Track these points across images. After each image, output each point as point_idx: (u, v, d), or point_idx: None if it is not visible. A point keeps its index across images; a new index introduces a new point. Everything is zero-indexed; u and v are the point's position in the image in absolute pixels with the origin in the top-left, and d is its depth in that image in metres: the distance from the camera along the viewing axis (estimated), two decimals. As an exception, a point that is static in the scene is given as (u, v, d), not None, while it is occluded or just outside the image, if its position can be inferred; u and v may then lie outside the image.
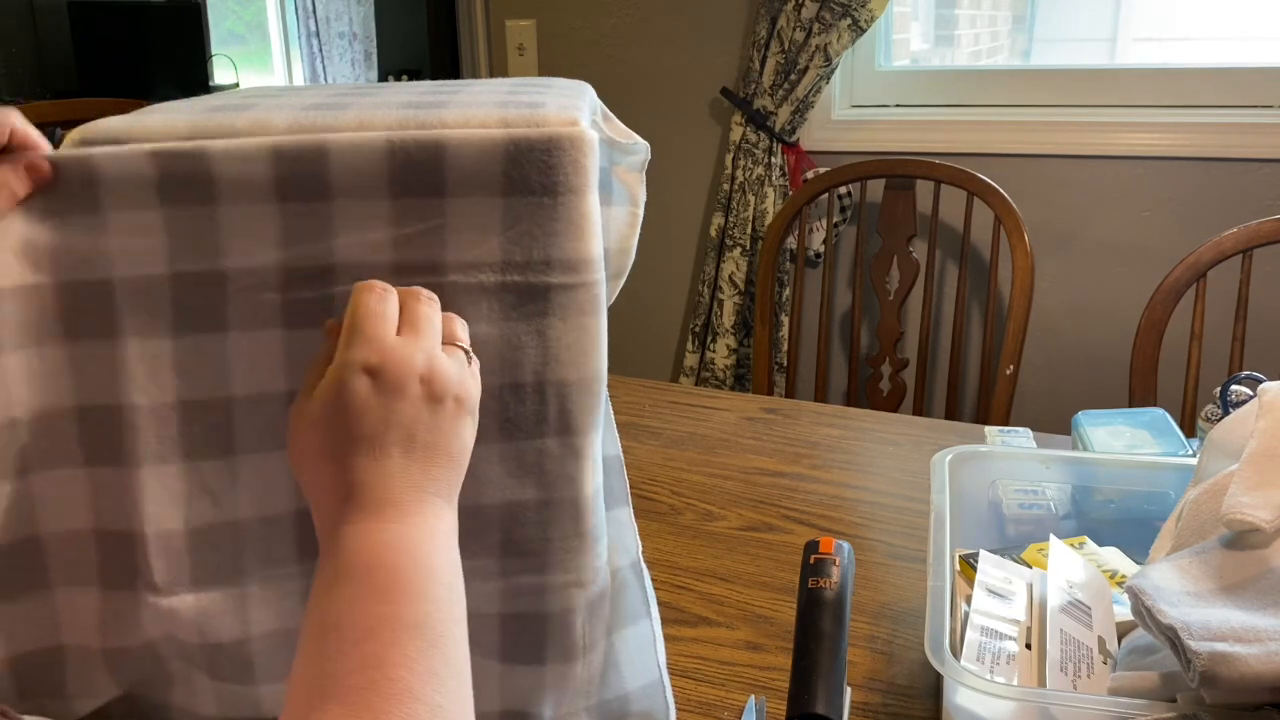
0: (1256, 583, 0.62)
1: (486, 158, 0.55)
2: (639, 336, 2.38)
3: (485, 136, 0.55)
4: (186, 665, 0.61)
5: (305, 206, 0.56)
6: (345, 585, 0.45)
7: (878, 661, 0.82)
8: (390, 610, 0.44)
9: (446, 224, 0.56)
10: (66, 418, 0.57)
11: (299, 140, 0.55)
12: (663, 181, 2.23)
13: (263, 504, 0.60)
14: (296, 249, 0.56)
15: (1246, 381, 0.99)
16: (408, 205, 0.56)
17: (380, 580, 0.45)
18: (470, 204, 0.56)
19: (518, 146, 0.55)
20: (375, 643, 0.43)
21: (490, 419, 0.58)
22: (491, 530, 0.60)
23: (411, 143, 0.55)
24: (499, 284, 0.57)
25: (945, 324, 2.11)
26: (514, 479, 0.59)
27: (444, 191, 0.56)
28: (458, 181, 0.56)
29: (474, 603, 0.61)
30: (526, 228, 0.56)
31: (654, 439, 1.24)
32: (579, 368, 0.58)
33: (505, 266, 0.57)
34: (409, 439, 0.49)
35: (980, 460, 0.89)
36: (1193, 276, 1.49)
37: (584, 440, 0.59)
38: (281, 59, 5.75)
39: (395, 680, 0.42)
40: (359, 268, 0.56)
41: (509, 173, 0.56)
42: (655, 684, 0.67)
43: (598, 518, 0.61)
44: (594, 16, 2.24)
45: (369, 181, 0.56)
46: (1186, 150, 1.90)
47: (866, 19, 1.95)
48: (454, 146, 0.55)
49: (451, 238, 0.56)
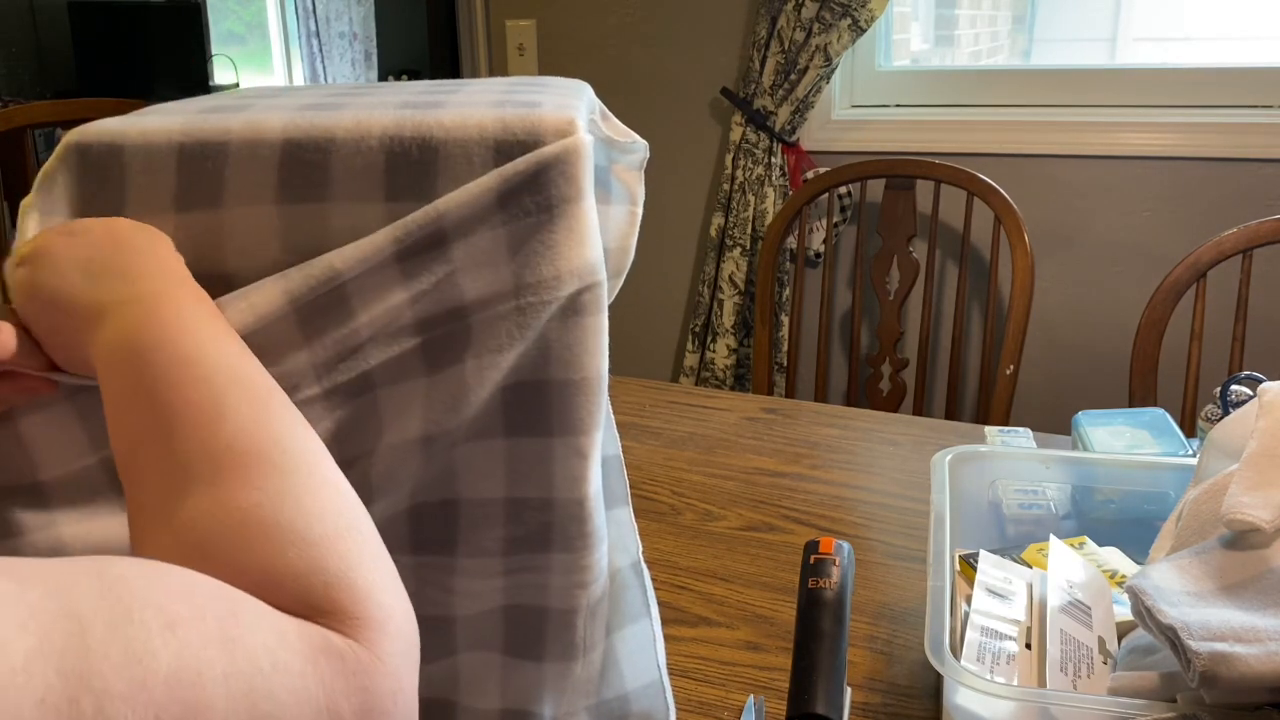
0: (1256, 583, 0.62)
1: (483, 205, 0.56)
2: (639, 336, 2.38)
3: (478, 188, 0.55)
4: None
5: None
6: (108, 376, 0.48)
7: (878, 661, 0.82)
8: (149, 365, 0.47)
9: (456, 269, 0.56)
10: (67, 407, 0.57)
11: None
12: (663, 181, 2.23)
13: None
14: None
15: (1246, 381, 0.99)
16: (413, 262, 0.56)
17: (127, 353, 0.48)
18: (474, 244, 0.56)
19: (509, 184, 0.55)
20: (149, 391, 0.46)
21: (492, 419, 0.58)
22: (495, 528, 0.60)
23: (412, 223, 0.55)
24: (515, 308, 0.57)
25: (945, 324, 2.11)
26: (518, 478, 0.59)
27: (448, 247, 0.56)
28: (458, 232, 0.56)
29: (477, 599, 0.61)
30: (532, 248, 0.56)
31: (654, 439, 1.24)
32: (581, 367, 0.58)
33: (519, 290, 0.57)
34: (86, 268, 0.52)
35: (980, 460, 0.89)
36: (1193, 276, 1.49)
37: (587, 440, 0.59)
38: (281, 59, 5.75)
39: (177, 408, 0.45)
40: (382, 337, 0.57)
41: (505, 203, 0.56)
42: (655, 684, 0.67)
43: (599, 518, 0.61)
44: (594, 16, 2.24)
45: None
46: (1186, 150, 1.90)
47: (866, 19, 1.95)
48: (453, 211, 0.55)
49: (465, 281, 0.56)
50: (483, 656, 0.63)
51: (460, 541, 0.60)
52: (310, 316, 0.56)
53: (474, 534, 0.59)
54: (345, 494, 0.44)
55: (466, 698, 0.64)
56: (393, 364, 0.57)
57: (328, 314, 0.56)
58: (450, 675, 0.64)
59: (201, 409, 0.44)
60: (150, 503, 0.43)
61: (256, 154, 0.56)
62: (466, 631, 0.62)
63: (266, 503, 0.41)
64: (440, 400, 0.57)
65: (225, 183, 0.56)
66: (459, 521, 0.59)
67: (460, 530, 0.60)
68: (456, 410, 0.57)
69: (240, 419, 0.44)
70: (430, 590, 0.61)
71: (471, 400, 0.57)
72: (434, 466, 0.59)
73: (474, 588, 0.61)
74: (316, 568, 0.39)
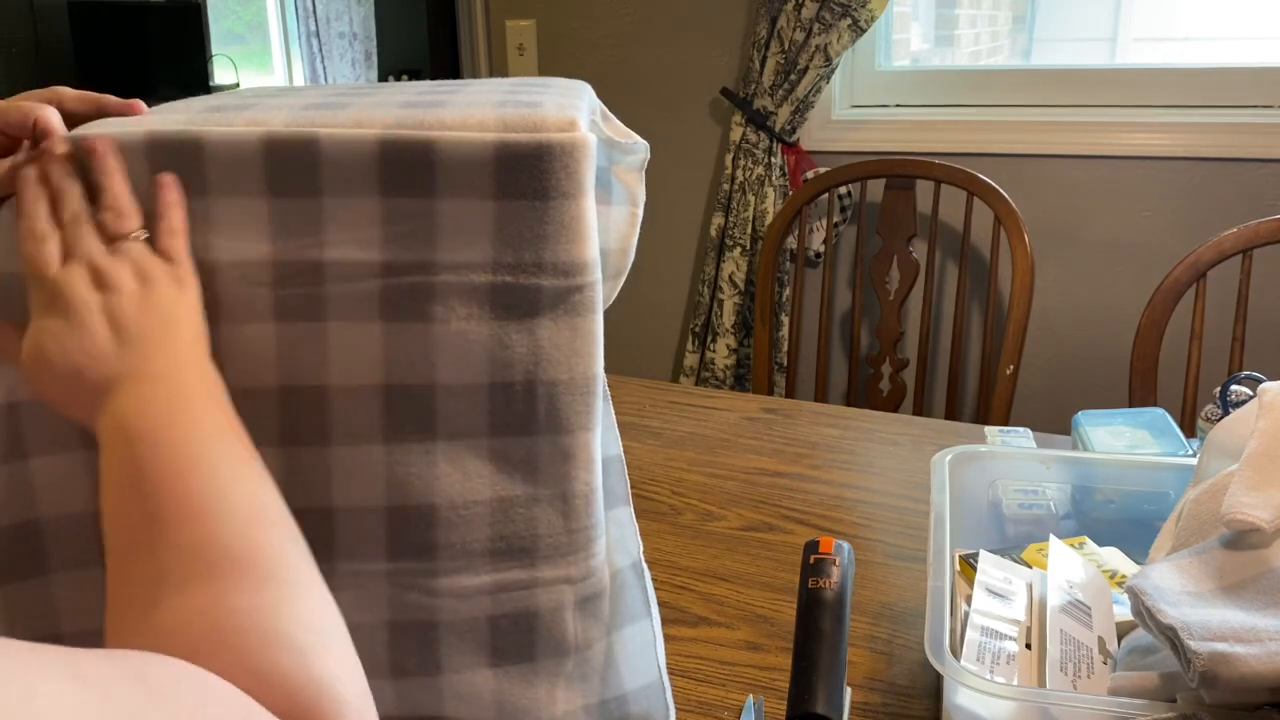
0: (1256, 583, 0.62)
1: (477, 162, 0.56)
2: (639, 336, 2.39)
3: (476, 140, 0.56)
4: None
5: (295, 202, 0.56)
6: (110, 452, 0.49)
7: (878, 661, 0.82)
8: (155, 451, 0.48)
9: (436, 225, 0.56)
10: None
11: (290, 134, 0.56)
12: (663, 181, 2.23)
13: None
14: (286, 243, 0.57)
15: (1246, 381, 0.99)
16: (398, 205, 0.56)
17: (134, 434, 0.49)
18: (461, 206, 0.56)
19: (508, 151, 0.56)
20: (150, 479, 0.47)
21: (480, 416, 0.58)
22: (480, 526, 0.60)
23: (402, 143, 0.55)
24: (489, 284, 0.57)
25: (945, 324, 2.11)
26: (503, 476, 0.59)
27: (434, 193, 0.56)
28: (448, 184, 0.56)
29: (464, 603, 0.61)
30: (517, 230, 0.56)
31: (654, 439, 1.24)
32: (570, 368, 0.58)
33: (495, 267, 0.57)
34: (113, 328, 0.52)
35: (980, 460, 0.89)
36: (1193, 276, 1.49)
37: (575, 440, 0.59)
38: (281, 59, 5.75)
39: (176, 499, 0.46)
40: (348, 265, 0.57)
41: (500, 176, 0.56)
42: (655, 684, 0.67)
43: (592, 517, 0.61)
44: (594, 16, 2.24)
45: (360, 179, 0.56)
46: (1186, 150, 1.90)
47: (866, 19, 1.95)
48: (445, 150, 0.55)
49: (441, 238, 0.57)
50: (471, 662, 0.62)
51: (442, 544, 0.59)
52: (284, 214, 0.56)
53: (458, 535, 0.59)
54: (329, 603, 0.46)
55: (456, 708, 0.63)
56: (349, 298, 0.57)
57: (302, 215, 0.56)
58: (435, 688, 0.62)
59: (204, 504, 0.46)
60: (138, 590, 0.44)
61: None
62: (453, 636, 0.62)
63: (263, 608, 0.43)
64: (402, 354, 0.57)
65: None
66: (441, 524, 0.59)
67: (441, 532, 0.59)
68: (416, 369, 0.57)
69: (238, 522, 0.46)
70: (413, 595, 0.60)
71: (437, 364, 0.57)
72: (416, 466, 0.58)
73: (460, 585, 0.60)
74: (305, 674, 0.41)
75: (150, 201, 0.56)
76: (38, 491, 0.58)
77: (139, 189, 0.57)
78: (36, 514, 0.58)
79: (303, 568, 0.47)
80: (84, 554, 0.60)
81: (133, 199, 0.56)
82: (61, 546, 0.59)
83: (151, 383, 0.51)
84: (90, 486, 0.59)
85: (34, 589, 0.59)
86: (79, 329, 0.52)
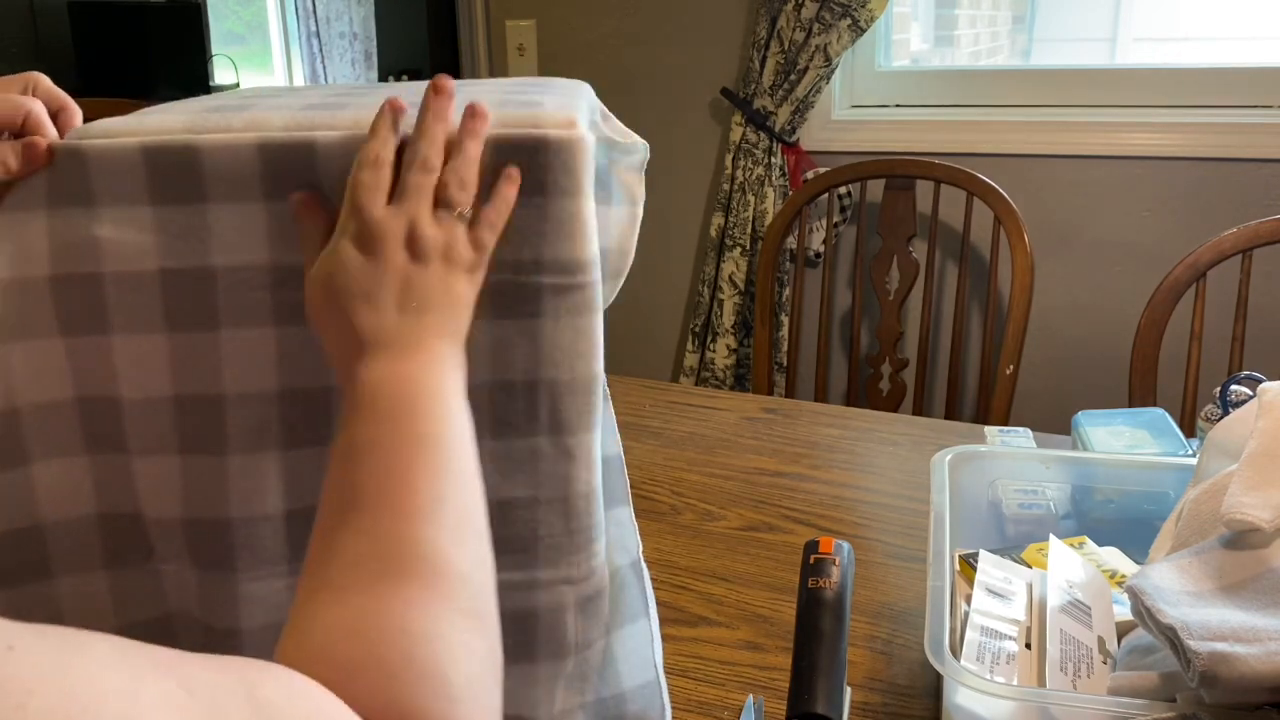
0: (1256, 583, 0.62)
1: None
2: (639, 336, 2.38)
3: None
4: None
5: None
6: (359, 414, 0.50)
7: (878, 661, 0.82)
8: (398, 428, 0.49)
9: None
10: (68, 407, 0.57)
11: (287, 138, 0.55)
12: (663, 181, 2.23)
13: (251, 503, 0.60)
14: (284, 247, 0.57)
15: (1246, 381, 0.99)
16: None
17: (387, 405, 0.50)
18: None
19: (506, 147, 0.56)
20: (386, 455, 0.48)
21: (481, 417, 0.58)
22: None
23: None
24: (490, 283, 0.57)
25: (945, 324, 2.11)
26: (504, 477, 0.59)
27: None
28: None
29: None
30: (516, 228, 0.56)
31: (654, 439, 1.24)
32: (571, 368, 0.58)
33: (496, 266, 0.57)
34: (403, 295, 0.53)
35: (980, 460, 0.89)
36: (1193, 276, 1.49)
37: (576, 440, 0.59)
38: (281, 59, 5.74)
39: (407, 484, 0.47)
40: None
41: (497, 173, 0.56)
42: (652, 684, 0.67)
43: (592, 517, 0.61)
44: (594, 16, 2.24)
45: None
46: (1186, 150, 1.90)
47: (866, 19, 1.95)
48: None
49: None
50: None
51: None
52: (278, 194, 0.56)
53: None
54: (493, 640, 0.47)
55: None
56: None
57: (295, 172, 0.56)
58: None
59: (419, 502, 0.47)
60: (335, 574, 0.45)
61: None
62: None
63: (433, 638, 0.43)
64: None
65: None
66: None
67: None
68: None
69: (446, 530, 0.47)
70: None
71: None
72: None
73: None
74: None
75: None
76: (39, 496, 0.58)
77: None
78: (38, 519, 0.58)
79: (484, 596, 0.47)
80: (85, 558, 0.60)
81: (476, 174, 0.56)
82: (63, 551, 0.59)
83: (417, 364, 0.52)
84: (91, 490, 0.59)
85: (36, 593, 0.59)
86: (374, 281, 0.52)
